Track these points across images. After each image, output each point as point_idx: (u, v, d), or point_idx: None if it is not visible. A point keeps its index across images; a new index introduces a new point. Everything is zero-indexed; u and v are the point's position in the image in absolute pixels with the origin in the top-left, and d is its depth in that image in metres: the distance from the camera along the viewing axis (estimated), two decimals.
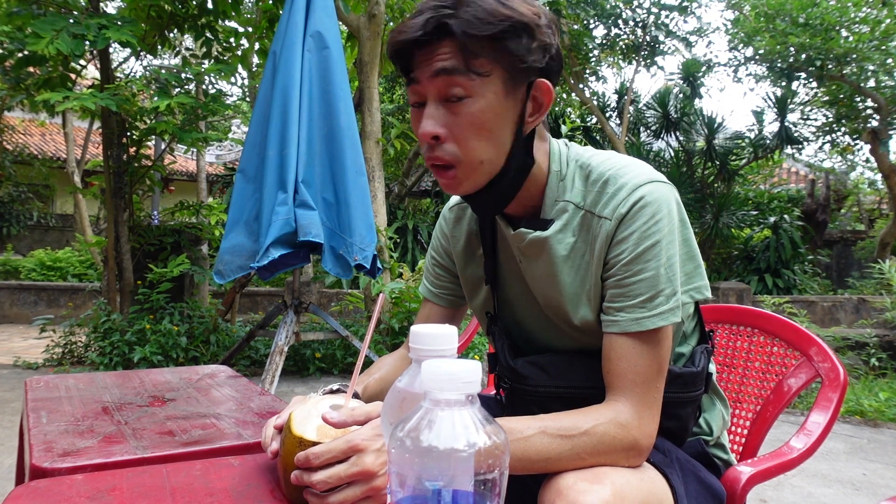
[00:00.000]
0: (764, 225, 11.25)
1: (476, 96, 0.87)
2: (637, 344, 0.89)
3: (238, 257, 3.50)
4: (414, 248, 11.47)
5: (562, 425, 0.85)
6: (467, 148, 0.89)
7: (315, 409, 0.86)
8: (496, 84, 0.88)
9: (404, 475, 0.52)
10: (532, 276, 1.02)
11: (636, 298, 0.90)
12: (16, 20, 4.20)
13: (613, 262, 0.92)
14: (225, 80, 8.46)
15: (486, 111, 0.88)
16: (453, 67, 0.86)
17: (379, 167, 5.69)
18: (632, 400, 0.88)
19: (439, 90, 0.88)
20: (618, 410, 0.87)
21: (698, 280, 0.98)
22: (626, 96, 11.57)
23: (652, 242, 0.89)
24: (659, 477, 0.91)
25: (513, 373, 1.03)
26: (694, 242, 0.98)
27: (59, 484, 0.87)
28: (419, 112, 0.92)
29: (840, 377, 1.21)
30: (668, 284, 0.90)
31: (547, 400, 1.00)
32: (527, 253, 1.00)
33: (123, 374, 1.64)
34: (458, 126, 0.89)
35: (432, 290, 1.22)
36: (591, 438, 0.85)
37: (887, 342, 5.84)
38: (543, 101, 0.93)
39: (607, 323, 0.92)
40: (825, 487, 2.98)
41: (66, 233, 13.23)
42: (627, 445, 0.87)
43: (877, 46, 9.41)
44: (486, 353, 4.94)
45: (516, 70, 0.88)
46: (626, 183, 0.92)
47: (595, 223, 0.94)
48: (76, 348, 5.46)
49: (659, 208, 0.90)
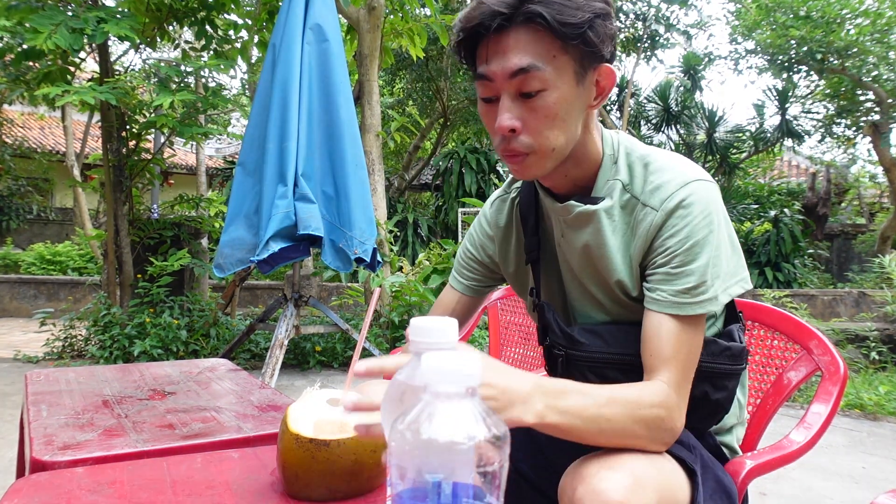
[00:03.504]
0: (764, 218, 11.25)
1: (551, 88, 0.89)
2: (679, 329, 0.92)
3: (238, 251, 3.50)
4: (414, 241, 11.47)
5: (627, 395, 0.87)
6: (541, 138, 0.92)
7: (312, 405, 0.86)
8: (568, 73, 0.90)
9: (404, 468, 0.52)
10: (573, 248, 1.04)
11: (682, 286, 0.93)
12: (14, 14, 4.18)
13: (661, 252, 0.95)
14: (224, 74, 8.43)
15: (560, 102, 0.90)
16: (531, 65, 0.87)
17: (379, 160, 5.68)
18: (674, 386, 0.91)
19: (515, 87, 0.89)
20: (669, 396, 0.90)
21: (742, 272, 1.01)
22: (627, 89, 11.55)
23: (701, 238, 0.93)
24: (676, 467, 0.92)
25: (569, 339, 1.05)
26: (735, 237, 1.01)
27: (60, 477, 0.88)
28: (491, 106, 0.93)
29: (840, 370, 1.21)
30: (711, 277, 0.93)
31: (603, 366, 1.02)
32: (573, 224, 1.03)
33: (123, 368, 1.65)
34: (533, 119, 0.91)
35: (462, 281, 1.25)
36: (648, 414, 0.87)
37: (887, 336, 5.84)
38: (606, 86, 0.95)
39: (650, 300, 0.95)
40: (825, 481, 2.99)
41: (66, 226, 13.22)
42: (670, 427, 0.90)
43: (878, 39, 9.39)
44: (485, 346, 4.95)
45: (587, 57, 0.90)
46: (674, 178, 0.95)
47: (639, 209, 0.97)
48: (76, 342, 5.46)
49: (707, 206, 0.94)
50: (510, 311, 2.06)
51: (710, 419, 1.06)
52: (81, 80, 5.51)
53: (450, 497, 0.51)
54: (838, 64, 9.91)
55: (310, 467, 0.81)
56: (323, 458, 0.80)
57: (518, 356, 2.00)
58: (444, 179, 12.00)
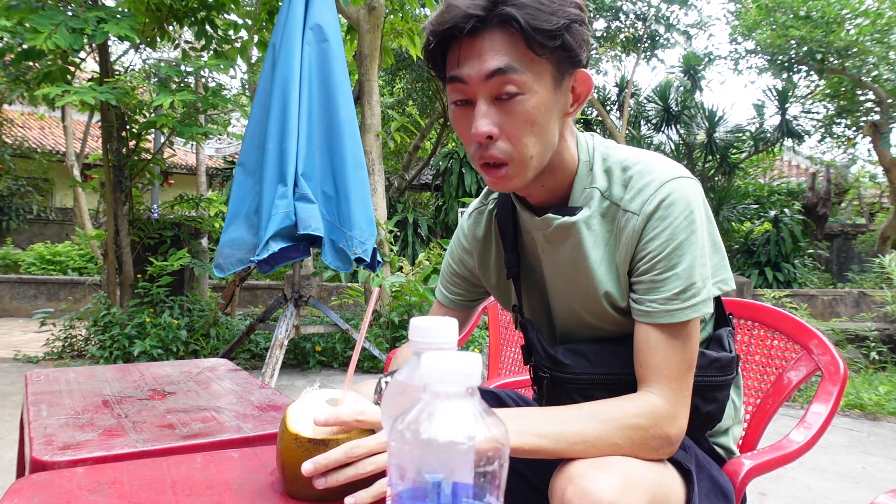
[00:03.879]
0: (764, 218, 11.25)
1: (529, 93, 0.86)
2: (669, 337, 0.90)
3: (238, 251, 3.50)
4: (414, 241, 11.47)
5: (606, 409, 0.87)
6: (520, 145, 0.89)
7: (311, 405, 0.85)
8: (546, 78, 0.87)
9: (404, 467, 0.52)
10: (556, 263, 1.02)
11: (669, 291, 0.90)
12: (14, 14, 4.18)
13: (644, 257, 0.92)
14: (224, 74, 8.43)
15: (538, 107, 0.87)
16: (508, 66, 0.84)
17: (379, 160, 5.68)
18: (667, 395, 0.89)
19: (492, 90, 0.86)
20: (655, 404, 0.88)
21: (723, 272, 0.99)
22: (627, 89, 11.55)
23: (683, 238, 0.90)
24: (669, 468, 0.92)
25: (553, 361, 1.03)
26: (718, 235, 0.99)
27: (60, 477, 0.88)
28: (464, 110, 0.90)
29: (840, 370, 1.21)
30: (700, 278, 0.91)
31: (590, 387, 1.01)
32: (552, 239, 1.00)
33: (123, 368, 1.65)
34: (510, 124, 0.87)
35: (448, 296, 1.24)
36: (627, 425, 0.86)
37: (887, 336, 5.84)
38: (582, 92, 0.93)
39: (639, 312, 0.93)
40: (825, 480, 2.99)
41: (66, 226, 13.21)
42: (662, 439, 0.88)
43: (878, 39, 9.39)
44: (485, 346, 4.95)
45: (564, 62, 0.88)
46: (652, 179, 0.92)
47: (620, 216, 0.95)
48: (76, 342, 5.46)
49: (687, 205, 0.91)
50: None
51: (703, 429, 1.06)
52: (81, 80, 5.51)
53: (450, 497, 0.51)
54: (838, 64, 9.91)
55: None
56: None
57: (518, 356, 2.00)
58: (444, 179, 12.01)
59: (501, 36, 0.84)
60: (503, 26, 0.84)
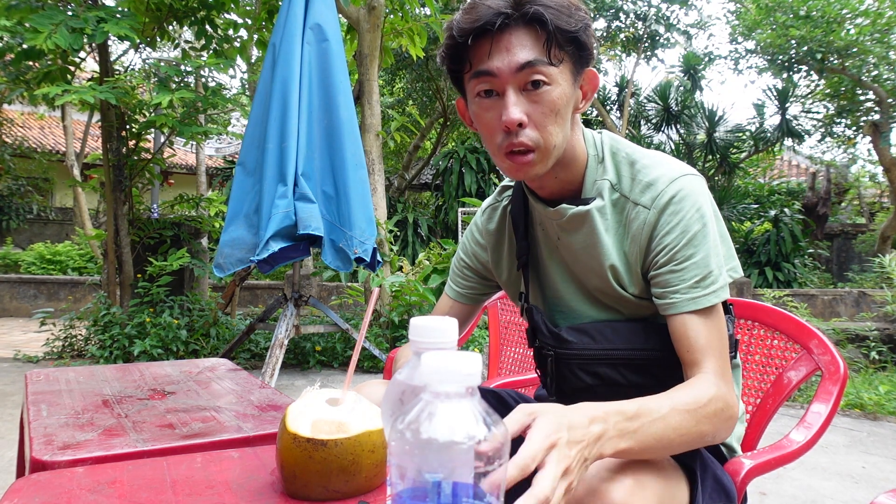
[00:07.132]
0: (764, 218, 11.25)
1: (554, 84, 0.93)
2: (703, 320, 0.94)
3: (238, 250, 3.49)
4: (414, 241, 11.47)
5: (685, 400, 0.87)
6: (546, 133, 0.95)
7: (311, 405, 0.85)
8: (567, 73, 0.95)
9: (404, 467, 0.52)
10: (571, 250, 1.07)
11: (690, 280, 0.95)
12: (14, 13, 4.18)
13: (662, 250, 0.97)
14: (224, 73, 8.43)
15: (561, 98, 0.94)
16: (536, 59, 0.91)
17: (379, 160, 5.68)
18: (718, 373, 0.92)
19: (520, 81, 0.93)
20: (718, 385, 0.90)
21: (732, 261, 1.04)
22: (627, 89, 11.55)
23: (697, 230, 0.96)
24: (675, 467, 0.93)
25: (557, 338, 1.07)
26: (724, 228, 1.04)
27: (60, 477, 0.87)
28: (491, 102, 0.96)
29: (840, 370, 1.21)
30: (716, 266, 0.96)
31: (593, 363, 1.04)
32: (567, 227, 1.06)
33: (123, 368, 1.65)
34: (538, 112, 0.94)
35: (457, 289, 1.29)
36: (709, 411, 0.87)
37: (887, 335, 5.84)
38: (590, 89, 1.01)
39: (666, 306, 0.97)
40: (825, 480, 2.98)
41: (66, 226, 13.21)
42: (730, 415, 0.91)
43: (878, 39, 9.39)
44: (485, 346, 4.95)
45: (578, 61, 0.96)
46: (661, 175, 0.99)
47: (630, 208, 1.01)
48: (76, 342, 5.46)
49: (697, 199, 0.97)
50: (510, 310, 2.06)
51: None
52: (81, 80, 5.51)
53: (450, 497, 0.51)
54: (838, 64, 9.91)
55: (307, 467, 0.81)
56: (320, 457, 0.80)
57: (518, 356, 2.00)
58: (443, 179, 12.00)
59: (527, 33, 0.92)
60: (529, 24, 0.92)
